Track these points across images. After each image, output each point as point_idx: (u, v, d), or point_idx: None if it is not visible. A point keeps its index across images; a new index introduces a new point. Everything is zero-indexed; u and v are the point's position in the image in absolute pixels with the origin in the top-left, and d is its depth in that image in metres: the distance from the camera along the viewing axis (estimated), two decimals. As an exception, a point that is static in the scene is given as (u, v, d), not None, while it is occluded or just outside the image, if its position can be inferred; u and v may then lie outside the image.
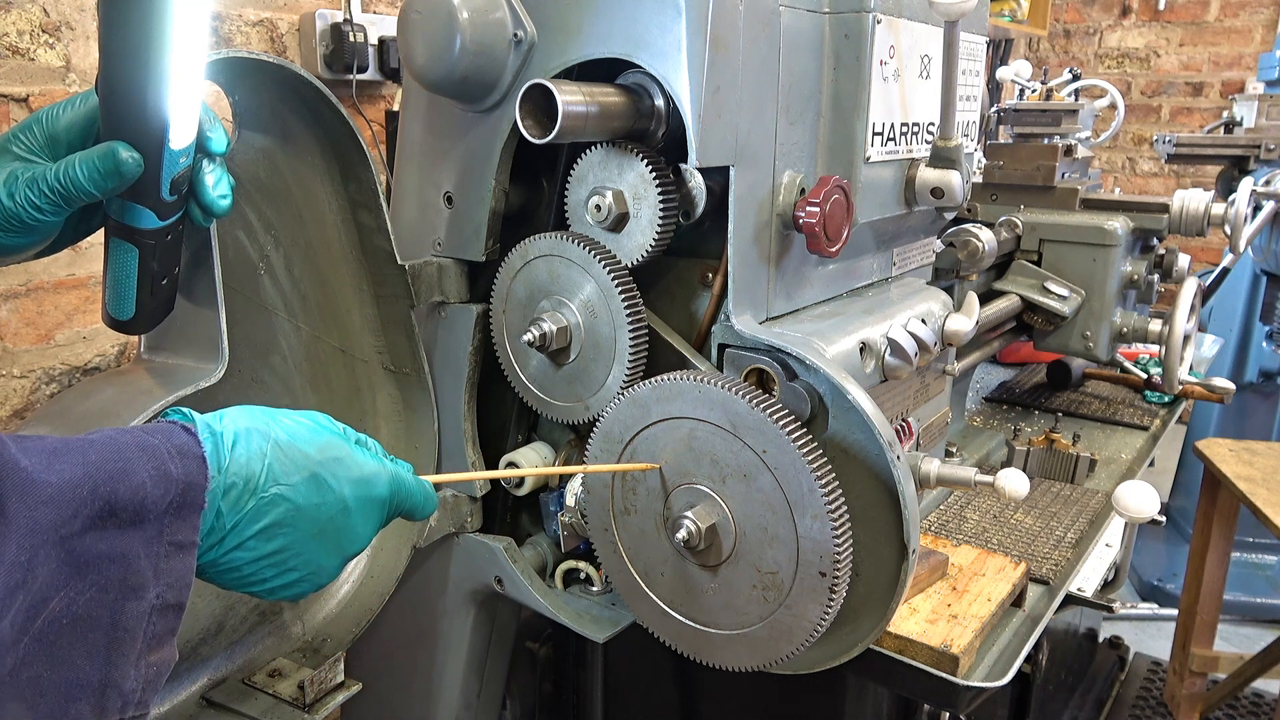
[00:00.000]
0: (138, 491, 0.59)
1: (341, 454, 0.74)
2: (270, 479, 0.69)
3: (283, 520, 0.69)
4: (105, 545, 0.58)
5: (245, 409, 0.72)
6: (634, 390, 0.96)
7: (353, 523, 0.74)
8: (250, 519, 0.68)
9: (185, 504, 0.63)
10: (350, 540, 0.75)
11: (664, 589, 1.00)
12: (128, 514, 0.59)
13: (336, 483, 0.73)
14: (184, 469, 0.63)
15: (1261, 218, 2.22)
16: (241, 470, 0.67)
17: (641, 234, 1.01)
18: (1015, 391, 1.98)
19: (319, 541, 0.72)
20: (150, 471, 0.61)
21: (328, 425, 0.76)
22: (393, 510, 0.79)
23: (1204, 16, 4.72)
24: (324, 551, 0.73)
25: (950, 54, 1.04)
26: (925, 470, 1.01)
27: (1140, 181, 5.03)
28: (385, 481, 0.77)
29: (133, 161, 0.73)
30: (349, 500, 0.74)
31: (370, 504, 0.76)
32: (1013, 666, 1.04)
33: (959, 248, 1.46)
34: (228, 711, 1.03)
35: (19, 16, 1.51)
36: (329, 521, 0.72)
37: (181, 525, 0.63)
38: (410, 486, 0.80)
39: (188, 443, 0.65)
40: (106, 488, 0.58)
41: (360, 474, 0.75)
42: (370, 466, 0.76)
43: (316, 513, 0.71)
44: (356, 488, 0.74)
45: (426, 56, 0.98)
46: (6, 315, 1.56)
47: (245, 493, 0.67)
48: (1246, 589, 3.21)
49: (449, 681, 1.33)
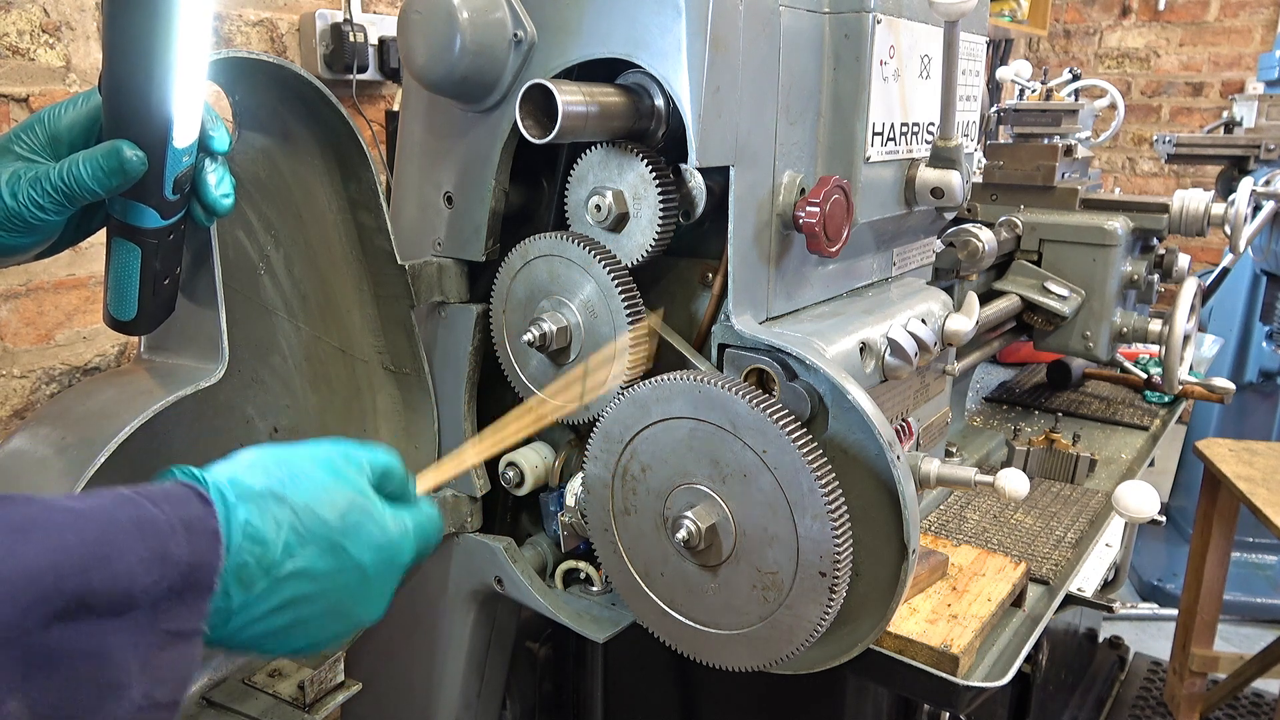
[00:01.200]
0: (121, 578, 0.52)
1: (363, 516, 0.68)
2: (286, 553, 0.62)
3: (297, 598, 0.63)
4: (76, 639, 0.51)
5: (258, 458, 0.66)
6: (634, 390, 0.96)
7: (370, 590, 0.69)
8: (262, 598, 0.61)
9: (189, 586, 0.56)
10: (366, 609, 0.69)
11: (664, 589, 1.00)
12: (106, 604, 0.52)
13: (358, 551, 0.67)
14: (191, 548, 0.56)
15: (1261, 218, 2.22)
16: (254, 546, 0.60)
17: (641, 234, 1.01)
18: (1015, 391, 1.98)
19: (334, 614, 0.67)
20: (143, 554, 0.54)
21: (347, 476, 0.69)
22: (412, 568, 0.74)
23: (1204, 16, 4.72)
24: (336, 621, 0.67)
25: (950, 54, 1.04)
26: (925, 470, 1.01)
27: (1140, 181, 5.03)
28: (409, 546, 0.71)
29: (137, 160, 0.73)
30: (369, 569, 0.67)
31: (390, 570, 0.70)
32: (1013, 666, 1.04)
33: (959, 248, 1.46)
34: (228, 711, 1.03)
35: (19, 16, 1.51)
36: (345, 592, 0.67)
37: (182, 611, 0.56)
38: (427, 532, 0.74)
39: (201, 515, 0.58)
40: (76, 579, 0.51)
41: (383, 539, 0.69)
42: (394, 531, 0.70)
43: (333, 583, 0.65)
44: (378, 554, 0.68)
45: (426, 56, 0.98)
46: (6, 315, 1.56)
47: (258, 571, 0.61)
48: (1246, 589, 3.21)
49: (449, 681, 1.33)
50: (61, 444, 0.85)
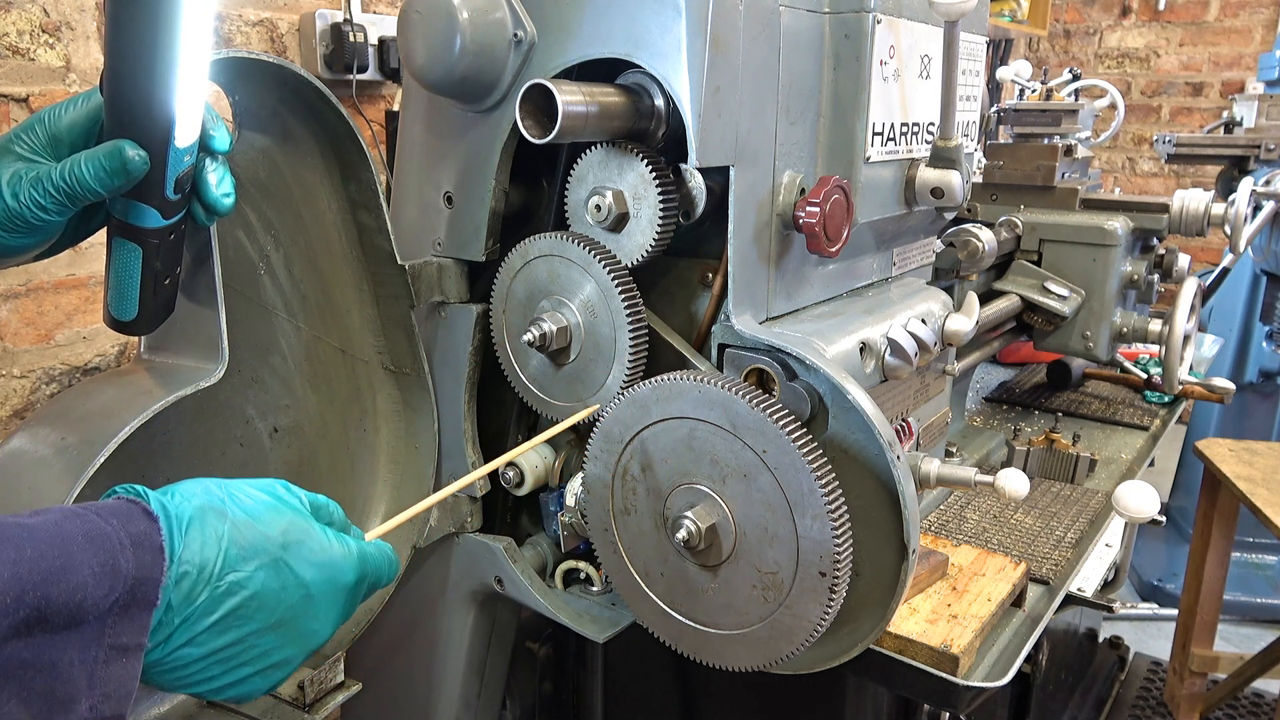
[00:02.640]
0: (76, 591, 0.52)
1: (304, 535, 0.68)
2: (227, 566, 0.62)
3: (238, 610, 0.62)
4: (30, 653, 0.51)
5: (199, 483, 0.67)
6: (634, 390, 0.96)
7: (315, 610, 0.68)
8: (203, 611, 0.61)
9: (134, 601, 0.56)
10: (311, 631, 0.68)
11: (664, 589, 1.00)
12: (61, 617, 0.52)
13: (300, 567, 0.66)
14: (137, 562, 0.56)
15: (1261, 218, 2.22)
16: (195, 557, 0.61)
17: (641, 234, 1.01)
18: (1015, 391, 1.98)
19: (277, 633, 0.65)
20: (95, 567, 0.54)
21: (288, 500, 0.70)
22: (360, 595, 0.73)
23: (1204, 16, 4.72)
24: (281, 644, 0.66)
25: (950, 54, 1.04)
26: (925, 470, 1.01)
27: (1140, 181, 5.03)
28: (352, 567, 0.71)
29: (139, 160, 0.73)
30: (311, 587, 0.67)
31: (335, 591, 0.69)
32: (1013, 666, 1.04)
33: (959, 248, 1.46)
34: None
35: (19, 16, 1.51)
36: (289, 610, 0.66)
37: (127, 626, 0.56)
38: (375, 561, 0.73)
39: (146, 530, 0.59)
40: (37, 592, 0.51)
41: (326, 557, 0.68)
42: (337, 550, 0.70)
43: (275, 601, 0.65)
44: (321, 572, 0.68)
45: (426, 56, 0.98)
46: (6, 315, 1.56)
47: (199, 582, 0.61)
48: (1246, 589, 3.21)
49: (449, 681, 1.33)
50: (61, 444, 0.85)
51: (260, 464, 1.08)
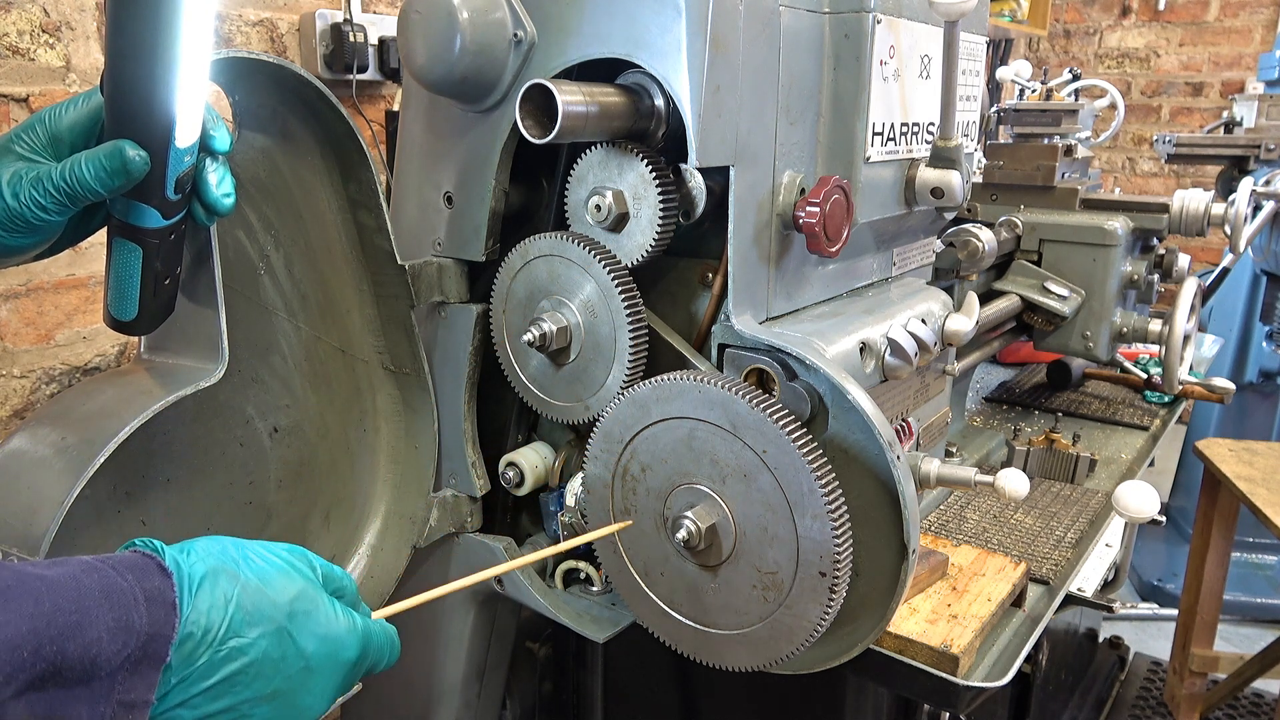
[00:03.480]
0: (90, 648, 0.53)
1: (312, 606, 0.67)
2: (230, 630, 0.62)
3: (235, 677, 0.62)
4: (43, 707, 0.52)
5: (216, 541, 0.66)
6: (634, 390, 0.96)
7: (312, 684, 0.67)
8: (201, 675, 0.60)
9: (145, 657, 0.56)
10: (305, 707, 0.67)
11: (664, 589, 1.00)
12: (75, 673, 0.52)
13: (303, 638, 0.66)
14: (150, 618, 0.57)
15: (1261, 218, 2.22)
16: (201, 619, 0.60)
17: (641, 234, 1.01)
18: (1015, 391, 1.98)
19: (271, 704, 0.64)
20: (110, 623, 0.54)
21: (300, 568, 0.69)
22: (359, 673, 0.72)
23: (1204, 16, 4.72)
24: (274, 715, 0.65)
25: (950, 54, 1.04)
26: (925, 470, 1.01)
27: (1140, 181, 5.03)
28: (355, 643, 0.70)
29: (140, 160, 0.73)
30: (312, 659, 0.66)
31: (335, 666, 0.69)
32: (1013, 666, 1.04)
33: (959, 248, 1.46)
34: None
35: (19, 16, 1.51)
36: (285, 681, 0.65)
37: (137, 683, 0.56)
38: (378, 640, 0.73)
39: (161, 587, 0.59)
40: (53, 646, 0.51)
41: (329, 631, 0.68)
42: (342, 625, 0.69)
43: (274, 671, 0.64)
44: (323, 645, 0.67)
45: (426, 56, 0.98)
46: (6, 315, 1.56)
47: (201, 644, 0.60)
48: (1246, 589, 3.21)
49: (449, 681, 1.33)
50: (61, 444, 0.85)
51: (260, 464, 1.08)
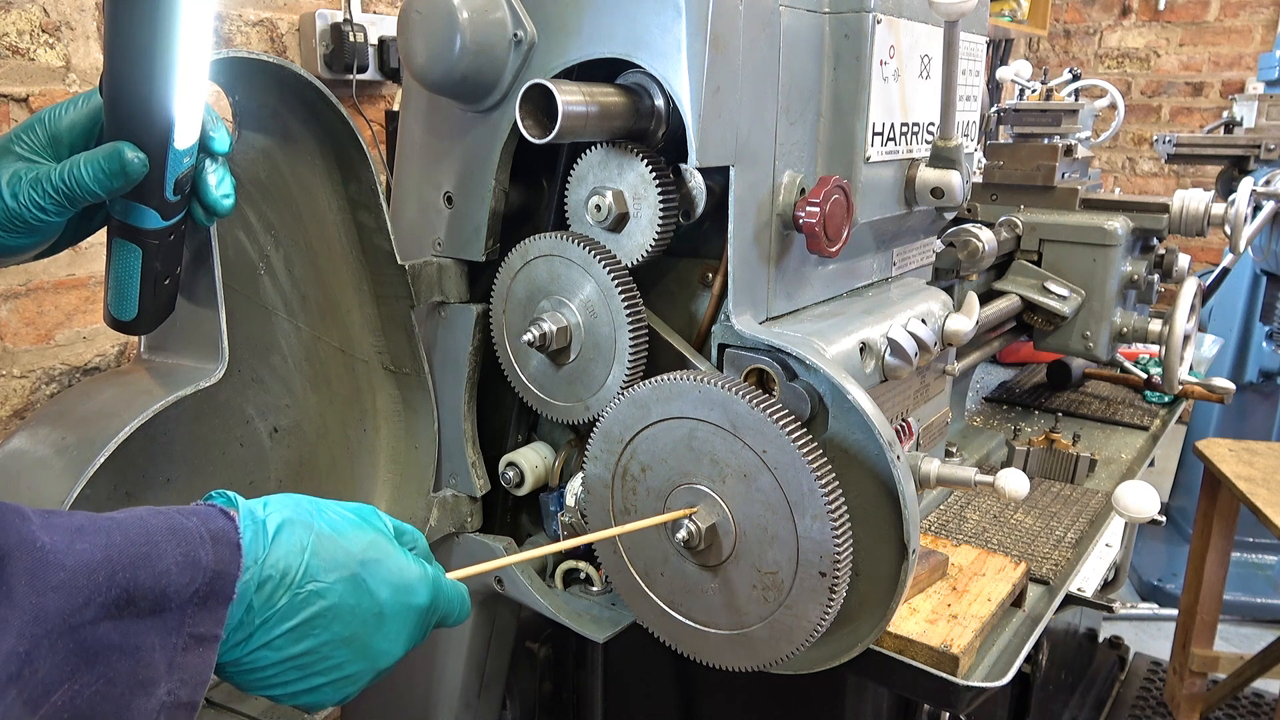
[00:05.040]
0: (161, 578, 0.56)
1: (384, 555, 0.70)
2: (308, 575, 0.65)
3: (314, 620, 0.65)
4: (118, 635, 0.54)
5: (292, 497, 0.69)
6: (634, 390, 0.96)
7: (386, 630, 0.70)
8: (281, 616, 0.64)
9: (213, 594, 0.59)
10: (382, 650, 0.71)
11: (664, 589, 1.00)
12: (147, 602, 0.55)
13: (375, 585, 0.69)
14: (216, 556, 0.59)
15: (1261, 218, 2.22)
16: (279, 563, 0.64)
17: (641, 234, 1.01)
18: (1015, 391, 1.98)
19: (349, 647, 0.68)
20: (178, 557, 0.57)
21: (373, 520, 0.73)
22: (430, 621, 0.75)
23: (1204, 16, 4.72)
24: (353, 658, 0.69)
25: (950, 54, 1.04)
26: (925, 470, 1.01)
27: (1140, 181, 5.03)
28: (426, 590, 0.73)
29: (138, 161, 0.73)
30: (385, 606, 0.70)
31: (407, 612, 0.72)
32: (1013, 666, 1.04)
33: (959, 248, 1.46)
34: (228, 711, 1.03)
35: (19, 16, 1.51)
36: (362, 625, 0.68)
37: (205, 617, 0.59)
38: (449, 593, 0.76)
39: (224, 528, 0.62)
40: (126, 574, 0.54)
41: (401, 579, 0.71)
42: (413, 572, 0.72)
43: (351, 615, 0.67)
44: (396, 593, 0.70)
45: (426, 56, 0.98)
46: (6, 315, 1.56)
47: (280, 587, 0.64)
48: (1246, 589, 3.21)
49: (449, 681, 1.33)
50: (61, 444, 0.85)
51: (260, 464, 1.08)
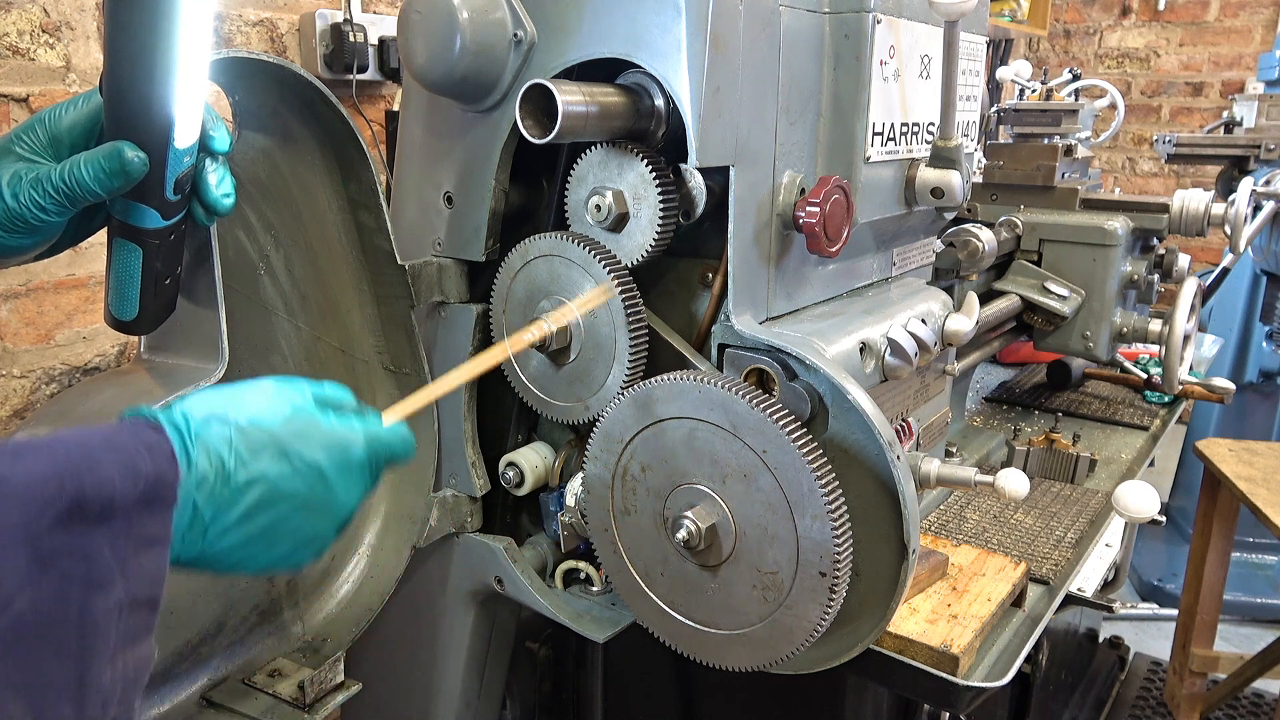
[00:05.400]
0: (105, 486, 0.58)
1: (306, 424, 0.73)
2: (239, 464, 0.68)
3: (261, 501, 0.69)
4: (70, 541, 0.57)
5: (202, 394, 0.72)
6: (634, 390, 0.96)
7: (334, 487, 0.73)
8: (228, 505, 0.68)
9: (155, 499, 0.62)
10: (337, 504, 0.74)
11: (664, 589, 1.00)
12: (95, 509, 0.58)
13: (309, 453, 0.72)
14: (154, 464, 0.62)
15: (1261, 218, 2.22)
16: (210, 460, 0.67)
17: (641, 234, 1.01)
18: (1015, 391, 1.98)
19: (303, 513, 0.72)
20: (119, 466, 0.60)
21: (288, 395, 0.74)
22: (377, 466, 0.78)
23: (1204, 16, 4.72)
24: (310, 520, 0.72)
25: (950, 54, 1.04)
26: (925, 470, 1.01)
27: (1140, 181, 5.03)
28: (360, 442, 0.75)
29: (138, 161, 0.73)
30: (324, 468, 0.73)
31: (348, 467, 0.75)
32: (1013, 666, 1.04)
33: (959, 248, 1.46)
34: (227, 711, 1.03)
35: (19, 16, 1.51)
36: (309, 491, 0.72)
37: (151, 520, 0.62)
38: (386, 438, 0.78)
39: (156, 439, 0.64)
40: (74, 483, 0.57)
41: (332, 440, 0.74)
42: (340, 431, 0.75)
43: (293, 486, 0.71)
44: (330, 454, 0.73)
45: (426, 56, 0.98)
46: (6, 315, 1.56)
47: (219, 481, 0.67)
48: (1246, 589, 3.21)
49: (449, 681, 1.33)
50: (62, 444, 0.84)
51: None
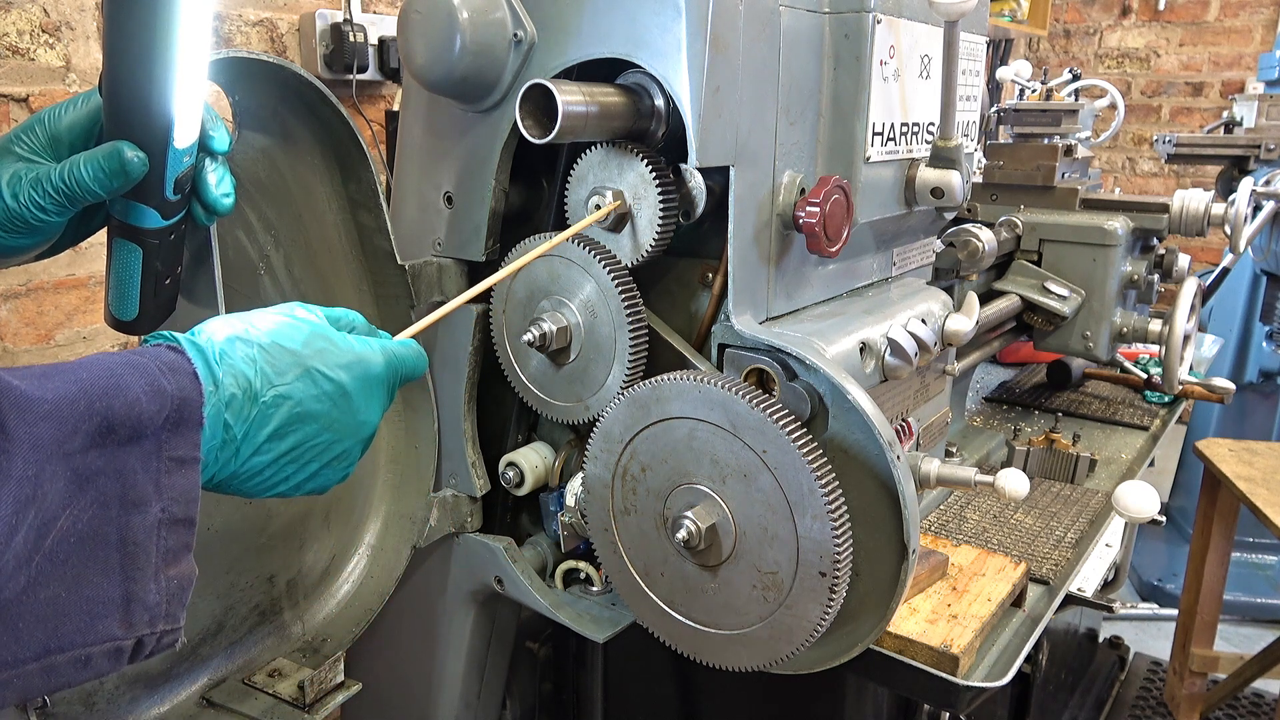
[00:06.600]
0: (133, 407, 0.59)
1: (326, 344, 0.75)
2: (266, 383, 0.70)
3: (290, 418, 0.71)
4: (103, 461, 0.58)
5: (221, 319, 0.73)
6: (634, 390, 0.96)
7: (356, 405, 0.76)
8: (259, 424, 0.69)
9: (183, 420, 0.63)
10: (360, 422, 0.77)
11: (664, 589, 1.00)
12: (125, 430, 0.59)
13: (331, 371, 0.74)
14: (177, 385, 0.63)
15: (1261, 218, 2.22)
16: (237, 380, 0.68)
17: (641, 234, 1.01)
18: (1015, 391, 1.98)
19: (331, 430, 0.74)
20: (144, 388, 0.60)
21: (304, 318, 0.77)
22: (394, 382, 0.81)
23: (1204, 16, 4.72)
24: (337, 437, 0.75)
25: (950, 54, 1.04)
26: (925, 470, 1.01)
27: (1140, 181, 5.03)
28: (378, 359, 0.78)
29: (138, 161, 0.73)
30: (347, 386, 0.75)
31: (369, 383, 0.77)
32: (1013, 666, 1.05)
33: (959, 248, 1.46)
34: (227, 711, 1.03)
35: (19, 16, 1.51)
36: (334, 408, 0.74)
37: (180, 441, 0.63)
38: (401, 354, 0.81)
39: (177, 360, 0.65)
40: (102, 403, 0.57)
41: (352, 357, 0.76)
42: (359, 348, 0.77)
43: (319, 405, 0.73)
44: (351, 371, 0.75)
45: (426, 56, 0.98)
46: (6, 315, 1.56)
47: (246, 400, 0.68)
48: (1246, 589, 3.21)
49: (449, 681, 1.33)
50: (62, 444, 0.84)
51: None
